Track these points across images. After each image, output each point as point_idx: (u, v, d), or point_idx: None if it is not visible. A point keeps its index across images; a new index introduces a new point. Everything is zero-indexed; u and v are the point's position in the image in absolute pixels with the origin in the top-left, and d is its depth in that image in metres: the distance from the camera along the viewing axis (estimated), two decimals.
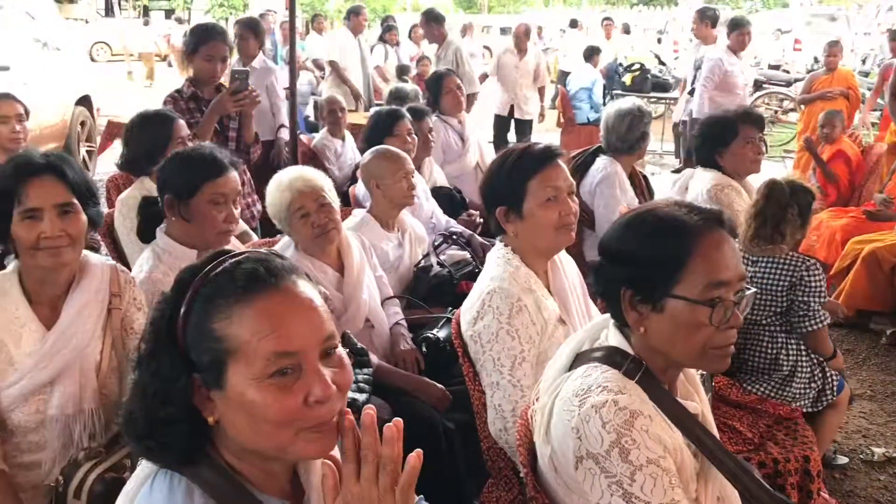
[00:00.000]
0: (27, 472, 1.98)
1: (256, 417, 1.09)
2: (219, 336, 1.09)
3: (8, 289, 1.97)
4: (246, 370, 1.08)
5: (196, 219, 2.40)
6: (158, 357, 1.12)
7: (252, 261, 1.13)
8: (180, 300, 1.12)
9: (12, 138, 3.68)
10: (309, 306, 1.13)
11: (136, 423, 1.14)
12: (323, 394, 1.09)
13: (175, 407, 1.11)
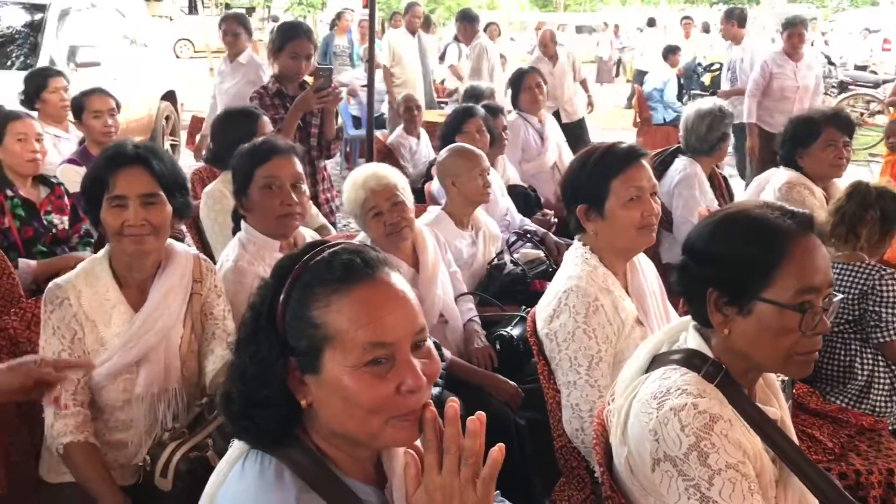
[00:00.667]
0: (116, 451, 2.06)
1: (350, 403, 1.12)
2: (317, 323, 1.12)
3: (99, 272, 2.06)
4: (342, 357, 1.12)
5: (254, 207, 2.45)
6: (258, 340, 1.16)
7: (349, 251, 1.17)
8: (280, 286, 1.16)
9: (104, 132, 3.83)
10: (404, 299, 1.17)
11: (234, 403, 1.18)
12: (414, 383, 1.13)
13: (272, 389, 1.15)
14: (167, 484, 1.92)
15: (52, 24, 6.92)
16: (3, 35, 7.01)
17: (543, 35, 7.90)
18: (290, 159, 2.47)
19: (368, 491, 1.22)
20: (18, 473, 2.12)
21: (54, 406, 1.86)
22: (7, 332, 2.14)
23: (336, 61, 10.70)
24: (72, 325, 2.00)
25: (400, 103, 6.29)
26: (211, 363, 2.15)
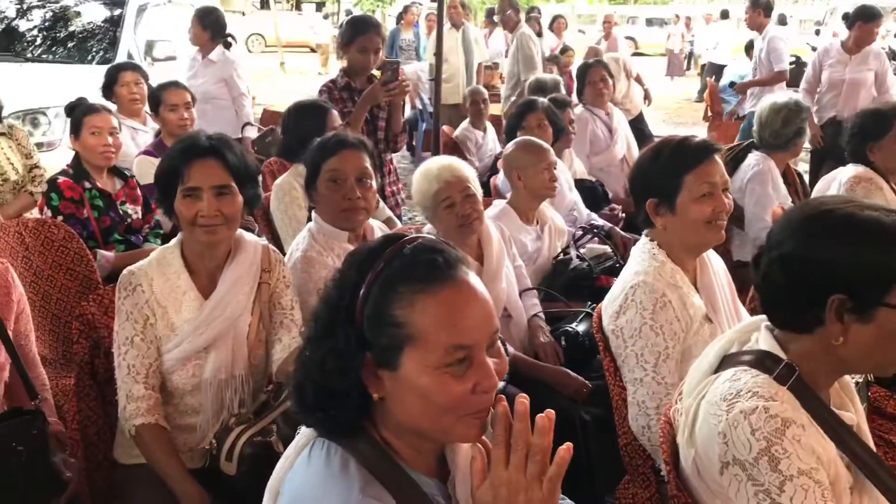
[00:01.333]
0: (185, 435, 2.11)
1: (427, 401, 1.13)
2: (400, 322, 1.13)
3: (171, 260, 2.11)
4: (423, 357, 1.12)
5: (320, 201, 2.48)
6: (336, 334, 1.17)
7: (429, 249, 1.17)
8: (360, 281, 1.16)
9: (180, 124, 3.92)
10: (484, 300, 1.17)
11: (307, 394, 1.20)
12: (490, 384, 1.14)
13: (348, 382, 1.16)
14: (232, 468, 1.96)
15: (131, 19, 7.12)
16: (84, 30, 7.26)
17: (589, 53, 7.91)
18: (357, 153, 2.49)
19: (431, 483, 1.23)
20: (94, 453, 2.19)
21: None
22: (85, 318, 2.21)
23: (402, 55, 10.77)
24: (144, 311, 2.05)
25: (467, 97, 6.30)
26: (278, 351, 2.18)
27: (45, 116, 5.70)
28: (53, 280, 3.12)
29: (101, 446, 2.21)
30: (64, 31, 7.29)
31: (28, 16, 7.47)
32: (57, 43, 7.18)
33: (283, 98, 10.21)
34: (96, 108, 3.43)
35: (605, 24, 11.60)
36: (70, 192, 3.33)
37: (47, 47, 7.13)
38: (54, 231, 3.14)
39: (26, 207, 3.96)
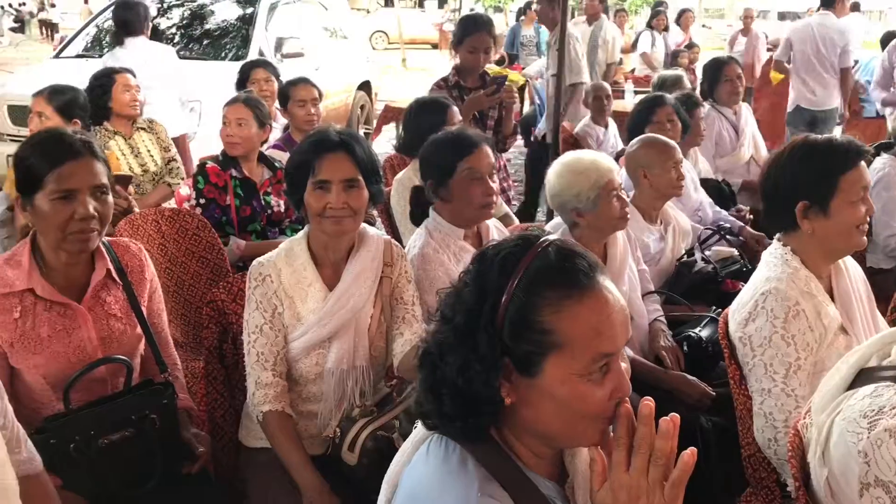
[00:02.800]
0: (307, 421, 2.17)
1: (565, 408, 1.12)
2: (546, 329, 1.11)
3: (298, 252, 2.17)
4: (569, 364, 1.11)
5: (456, 197, 2.47)
6: (476, 339, 1.14)
7: (572, 253, 1.15)
8: (502, 285, 1.14)
9: (307, 120, 4.03)
10: (622, 306, 1.16)
11: (444, 401, 1.17)
12: (625, 390, 1.13)
13: (489, 387, 1.14)
14: (353, 458, 2.01)
15: (262, 17, 7.39)
16: (219, 28, 7.59)
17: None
18: (487, 151, 2.50)
19: (550, 486, 1.21)
20: (220, 435, 2.29)
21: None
22: (216, 304, 2.30)
23: (523, 51, 10.71)
24: (272, 301, 2.12)
25: (589, 92, 6.20)
26: (399, 346, 2.21)
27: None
28: (186, 267, 3.28)
29: (226, 428, 2.30)
30: (200, 29, 7.65)
31: (168, 14, 7.89)
32: (193, 40, 7.53)
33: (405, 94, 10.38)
34: (297, 81, 3.72)
35: (746, 18, 11.01)
36: (215, 177, 3.45)
37: (185, 45, 7.49)
38: (188, 220, 3.29)
39: (164, 198, 4.17)
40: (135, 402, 2.03)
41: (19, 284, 1.97)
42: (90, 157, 1.98)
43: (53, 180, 1.93)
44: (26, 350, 1.97)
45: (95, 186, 1.97)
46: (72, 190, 1.94)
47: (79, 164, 1.95)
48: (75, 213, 1.93)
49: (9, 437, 1.63)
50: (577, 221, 2.65)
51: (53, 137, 2.01)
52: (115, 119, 4.06)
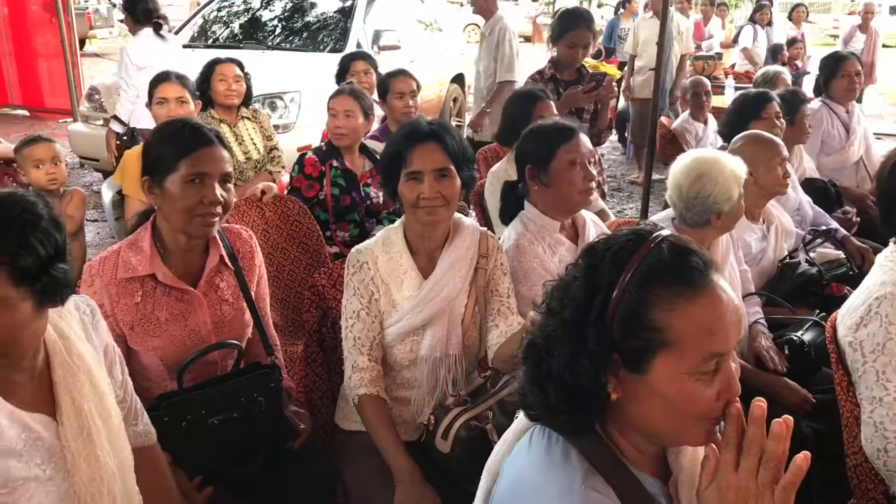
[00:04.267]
0: (401, 407, 2.21)
1: (672, 406, 1.11)
2: (658, 326, 1.10)
3: (394, 240, 2.20)
4: (678, 363, 1.10)
5: (555, 183, 2.45)
6: (585, 334, 1.14)
7: (686, 250, 1.14)
8: (613, 280, 1.13)
9: (405, 111, 4.07)
10: (735, 306, 1.13)
11: (549, 394, 1.17)
12: (734, 391, 1.11)
13: (589, 380, 1.14)
14: (446, 446, 2.03)
15: (361, 10, 7.49)
16: (318, 21, 7.73)
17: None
18: (585, 139, 2.49)
19: (653, 483, 1.20)
20: (317, 416, 2.35)
21: None
22: (317, 289, 2.37)
23: (621, 45, 10.54)
24: (369, 287, 2.16)
25: (687, 88, 6.07)
26: (494, 337, 2.21)
27: (281, 101, 6.12)
28: (287, 252, 3.37)
29: (323, 410, 2.36)
30: (300, 22, 7.81)
31: (270, 6, 8.09)
32: (294, 32, 7.70)
33: None
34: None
35: (866, 13, 10.40)
36: (311, 168, 3.52)
37: (285, 36, 7.67)
38: (290, 206, 3.38)
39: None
40: (243, 384, 2.10)
41: (141, 269, 2.06)
42: (220, 146, 2.08)
43: (187, 164, 2.01)
44: (145, 333, 2.05)
45: (224, 174, 2.06)
46: (204, 174, 2.02)
47: (211, 151, 2.04)
48: (204, 197, 2.01)
49: (127, 410, 1.73)
50: (712, 222, 2.55)
51: (189, 125, 2.09)
52: (218, 107, 4.19)
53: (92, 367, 1.56)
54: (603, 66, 7.98)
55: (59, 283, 1.39)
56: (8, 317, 1.34)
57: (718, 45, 11.51)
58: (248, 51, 6.71)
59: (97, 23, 18.04)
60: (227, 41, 7.61)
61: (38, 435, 1.47)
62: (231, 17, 8.07)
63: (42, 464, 1.46)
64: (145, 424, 1.80)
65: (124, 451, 1.61)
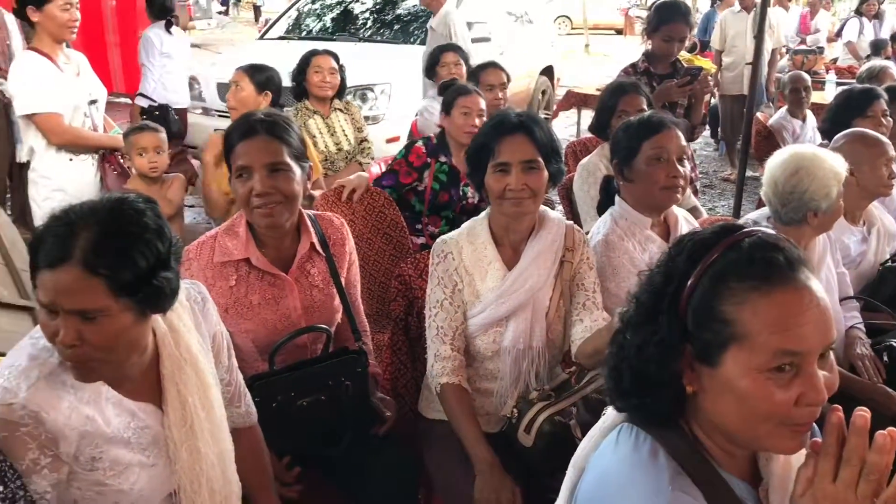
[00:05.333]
0: (483, 398, 2.22)
1: (744, 404, 1.08)
2: (727, 318, 1.09)
3: (479, 231, 2.21)
4: (747, 358, 1.08)
5: (638, 178, 2.42)
6: (657, 321, 1.15)
7: (771, 246, 1.11)
8: (690, 270, 1.13)
9: (494, 104, 4.05)
10: (822, 307, 1.09)
11: (623, 378, 1.19)
12: (817, 397, 1.07)
13: (664, 370, 1.14)
14: (528, 440, 2.03)
15: (452, 2, 7.51)
16: (409, 13, 7.80)
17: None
18: (676, 133, 2.43)
19: (742, 487, 1.17)
20: (401, 404, 2.38)
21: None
22: (403, 278, 2.40)
23: None
24: (453, 277, 2.17)
25: (785, 83, 5.87)
26: (578, 332, 2.20)
27: (372, 92, 6.21)
28: (371, 242, 3.42)
29: (407, 398, 2.40)
30: (391, 14, 7.89)
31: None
32: (385, 25, 7.79)
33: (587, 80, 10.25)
34: (468, 91, 3.52)
35: None
36: (415, 157, 3.53)
37: (376, 29, 7.77)
38: (376, 198, 3.43)
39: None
40: (332, 368, 2.15)
41: (237, 254, 2.13)
42: (265, 136, 2.06)
43: (234, 159, 2.07)
44: (238, 316, 2.12)
45: (269, 164, 2.05)
46: (245, 167, 2.05)
47: (252, 143, 2.06)
48: (251, 189, 2.04)
49: (232, 393, 1.80)
50: (808, 220, 2.47)
51: (242, 118, 2.15)
52: (312, 98, 4.28)
53: (199, 360, 1.62)
54: (698, 60, 7.77)
55: (160, 292, 1.42)
56: (108, 326, 1.38)
57: (825, 40, 11.07)
58: (340, 43, 6.81)
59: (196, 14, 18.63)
60: (320, 33, 7.75)
61: (145, 423, 1.55)
62: (325, 9, 8.21)
63: (146, 450, 1.54)
64: (247, 405, 1.87)
65: (224, 443, 1.67)
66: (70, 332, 1.36)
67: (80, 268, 1.33)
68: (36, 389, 1.41)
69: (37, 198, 3.46)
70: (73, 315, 1.35)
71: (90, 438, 1.46)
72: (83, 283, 1.33)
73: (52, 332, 1.38)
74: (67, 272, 1.33)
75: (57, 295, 1.35)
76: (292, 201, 2.09)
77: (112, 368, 1.47)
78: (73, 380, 1.44)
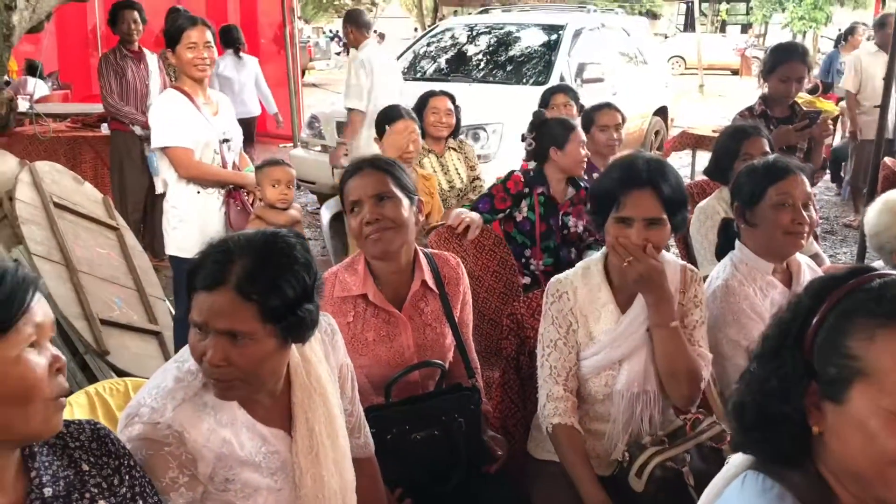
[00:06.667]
0: (594, 440, 2.19)
1: (873, 445, 1.04)
2: (854, 354, 1.06)
3: (594, 273, 2.20)
4: (876, 396, 1.04)
5: (762, 223, 2.37)
6: (782, 356, 1.13)
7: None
8: (816, 306, 1.11)
9: (609, 145, 4.06)
10: None
11: (746, 413, 1.18)
12: None
13: (788, 407, 1.12)
14: (640, 485, 1.99)
15: (566, 43, 7.57)
16: (522, 55, 7.90)
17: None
18: (802, 179, 2.38)
19: None
20: (510, 443, 2.38)
21: None
22: (515, 317, 2.41)
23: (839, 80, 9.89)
24: (567, 318, 2.17)
25: None
26: None
27: (484, 132, 6.31)
28: (482, 281, 3.45)
29: (517, 437, 2.40)
30: (504, 55, 8.01)
31: (476, 42, 8.36)
32: (498, 66, 7.91)
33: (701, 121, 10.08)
34: (573, 126, 3.57)
35: None
36: (513, 185, 3.56)
37: (489, 70, 7.89)
38: (486, 237, 3.47)
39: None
40: (446, 403, 2.19)
41: (355, 289, 2.21)
42: (371, 169, 2.19)
43: (347, 197, 2.21)
44: (354, 351, 2.19)
45: (376, 194, 2.15)
46: (355, 201, 2.17)
47: (359, 178, 2.19)
48: (363, 219, 2.14)
49: (353, 423, 1.86)
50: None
51: (352, 161, 2.30)
52: (428, 138, 4.38)
53: (327, 391, 1.69)
54: (819, 102, 7.54)
55: (303, 323, 1.51)
56: (254, 350, 1.46)
57: None
58: (454, 84, 6.96)
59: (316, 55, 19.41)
60: (434, 75, 7.94)
61: (275, 448, 1.61)
62: (440, 51, 8.41)
63: (275, 475, 1.61)
64: (366, 437, 1.93)
65: (347, 472, 1.72)
66: (218, 353, 1.45)
67: (235, 292, 1.43)
68: (180, 410, 1.50)
69: (167, 227, 3.65)
70: (223, 336, 1.45)
71: (225, 460, 1.54)
72: (236, 307, 1.43)
73: (201, 351, 1.47)
74: (223, 295, 1.44)
75: (211, 315, 1.45)
76: (401, 227, 2.16)
77: (251, 391, 1.55)
78: (214, 403, 1.53)
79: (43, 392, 1.20)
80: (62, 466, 1.31)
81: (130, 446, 1.44)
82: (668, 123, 9.22)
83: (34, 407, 1.19)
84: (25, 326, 1.18)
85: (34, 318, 1.20)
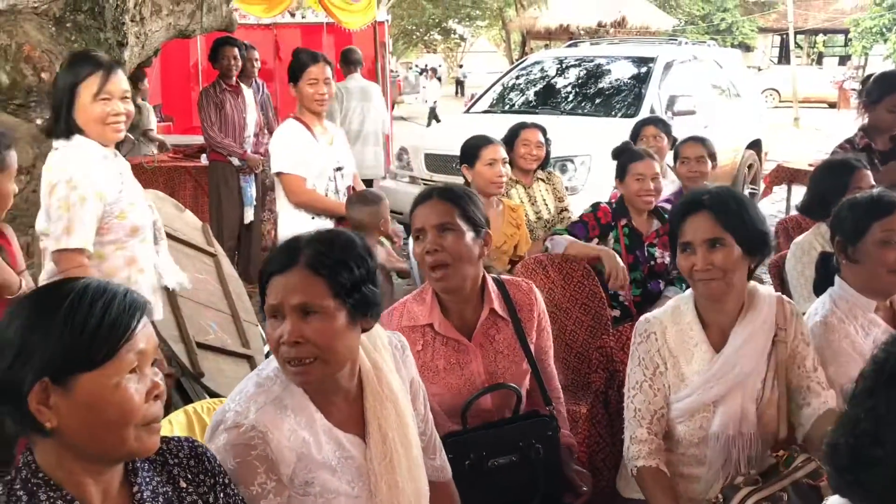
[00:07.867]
0: (687, 484, 2.14)
1: None
2: None
3: (685, 310, 2.15)
4: None
5: (865, 260, 2.28)
6: (876, 395, 1.10)
7: None
8: None
9: (692, 178, 4.03)
10: None
11: (840, 454, 1.13)
12: None
13: (884, 450, 1.07)
14: None
15: (657, 76, 7.49)
16: (611, 87, 7.85)
17: None
18: None
19: None
20: (598, 479, 2.35)
21: None
22: (605, 350, 2.40)
23: None
24: (654, 359, 2.13)
25: None
26: (806, 416, 2.09)
27: (572, 164, 6.29)
28: (569, 313, 3.42)
29: (605, 473, 2.36)
30: (594, 88, 7.98)
31: (565, 74, 8.36)
32: (587, 98, 7.88)
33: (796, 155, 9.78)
34: (642, 156, 3.60)
35: None
36: (602, 215, 3.62)
37: (578, 102, 7.87)
38: (574, 268, 3.44)
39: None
40: (522, 429, 2.18)
41: (422, 319, 2.23)
42: (437, 199, 2.21)
43: (413, 224, 2.23)
44: (425, 380, 2.16)
45: (439, 224, 2.17)
46: (419, 229, 2.20)
47: (424, 206, 2.22)
48: (426, 248, 2.17)
49: (426, 443, 1.86)
50: None
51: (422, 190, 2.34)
52: (516, 169, 4.40)
53: (399, 398, 1.72)
54: None
55: (369, 301, 1.60)
56: (327, 324, 1.54)
57: None
58: (543, 116, 6.97)
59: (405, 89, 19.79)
60: (523, 107, 7.97)
61: (350, 454, 1.64)
62: (528, 84, 8.44)
63: (351, 481, 1.63)
64: (442, 460, 1.93)
65: (421, 481, 1.74)
66: (294, 330, 1.53)
67: (306, 269, 1.54)
68: (263, 412, 1.55)
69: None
70: (296, 311, 1.53)
71: (305, 462, 1.57)
72: (308, 281, 1.54)
73: (277, 337, 1.55)
74: (295, 273, 1.55)
75: (285, 293, 1.54)
76: (461, 262, 2.16)
77: (328, 371, 1.59)
78: (293, 405, 1.59)
79: (136, 419, 1.24)
80: (161, 482, 1.36)
81: (220, 457, 1.49)
82: (761, 157, 8.99)
83: (128, 431, 1.24)
84: (128, 354, 1.23)
85: (137, 346, 1.24)
